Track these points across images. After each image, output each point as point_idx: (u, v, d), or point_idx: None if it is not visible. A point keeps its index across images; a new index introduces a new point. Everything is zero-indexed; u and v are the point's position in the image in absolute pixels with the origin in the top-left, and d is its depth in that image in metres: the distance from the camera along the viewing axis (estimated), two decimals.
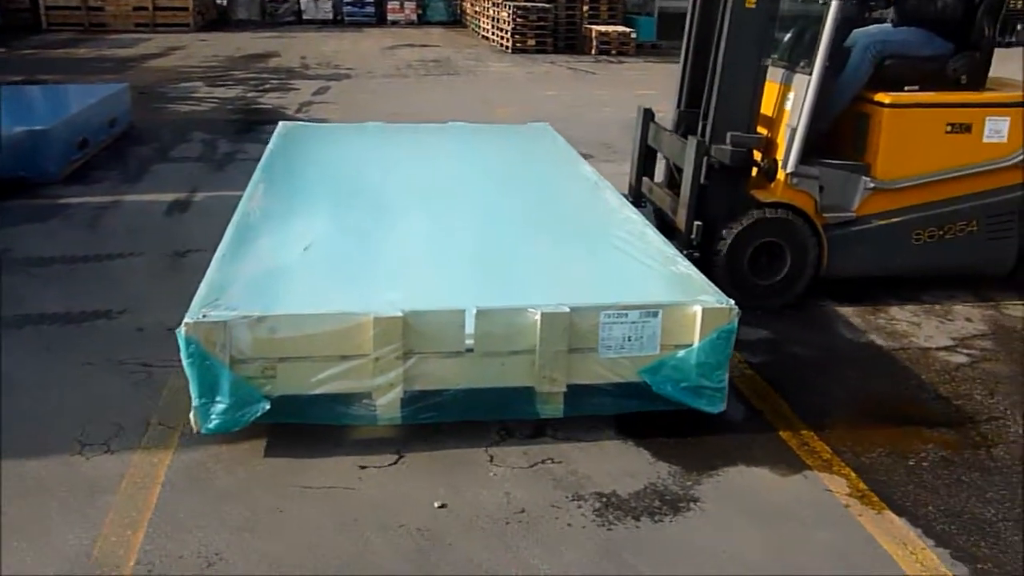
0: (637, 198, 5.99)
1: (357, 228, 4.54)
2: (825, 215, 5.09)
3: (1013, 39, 17.57)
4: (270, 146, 6.27)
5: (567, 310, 3.53)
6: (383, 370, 3.47)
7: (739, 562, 2.99)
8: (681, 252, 4.49)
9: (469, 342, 3.52)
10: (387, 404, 3.54)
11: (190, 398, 3.46)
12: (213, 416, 3.44)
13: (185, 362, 3.39)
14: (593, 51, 18.05)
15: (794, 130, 4.96)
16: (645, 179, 6.02)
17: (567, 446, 3.63)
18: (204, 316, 3.40)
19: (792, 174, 4.99)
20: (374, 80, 14.10)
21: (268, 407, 3.46)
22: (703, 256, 4.95)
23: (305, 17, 23.71)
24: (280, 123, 7.09)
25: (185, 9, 21.06)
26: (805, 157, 5.00)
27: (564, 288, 3.76)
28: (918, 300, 5.28)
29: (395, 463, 3.50)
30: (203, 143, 9.21)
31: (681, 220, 5.11)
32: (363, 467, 3.46)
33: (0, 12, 20.41)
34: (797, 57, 5.19)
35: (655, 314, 3.61)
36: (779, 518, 3.24)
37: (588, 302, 3.60)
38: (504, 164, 6.06)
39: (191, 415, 3.46)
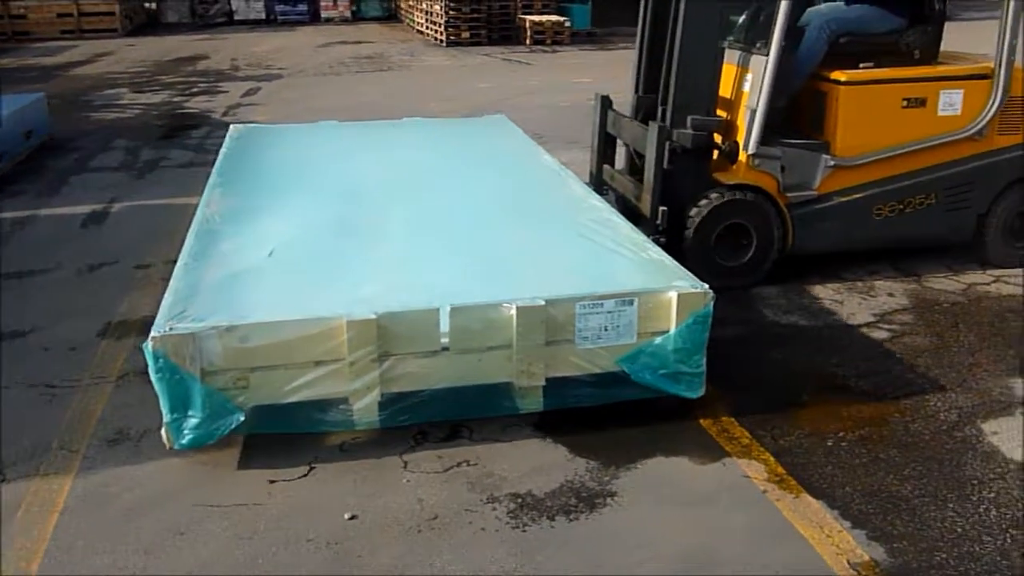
0: (599, 186, 5.95)
1: (323, 227, 4.40)
2: (788, 194, 5.10)
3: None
4: (224, 150, 6.07)
5: (543, 303, 3.47)
6: (359, 374, 3.39)
7: (653, 555, 2.94)
8: (648, 238, 4.47)
9: (445, 340, 3.45)
10: (364, 408, 3.47)
11: (160, 413, 3.35)
12: (186, 431, 3.33)
13: (154, 377, 3.27)
14: (528, 41, 17.98)
15: (753, 111, 4.97)
16: (606, 167, 5.99)
17: (483, 447, 3.56)
18: (171, 329, 3.27)
19: (753, 155, 5.01)
20: (306, 79, 13.89)
21: (242, 418, 3.36)
22: (670, 241, 4.94)
23: (237, 18, 23.31)
24: (232, 126, 6.87)
25: (112, 14, 20.59)
26: (765, 138, 5.01)
27: (538, 280, 3.69)
28: (840, 278, 5.29)
29: (306, 475, 3.40)
30: (125, 151, 8.98)
31: (646, 206, 5.09)
32: (273, 481, 3.35)
33: None
34: (753, 38, 5.18)
35: (631, 302, 3.57)
36: (696, 507, 3.20)
37: (563, 293, 3.54)
38: (466, 157, 5.95)
39: (162, 431, 3.34)
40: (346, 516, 3.14)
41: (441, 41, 18.06)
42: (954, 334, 4.57)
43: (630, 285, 3.66)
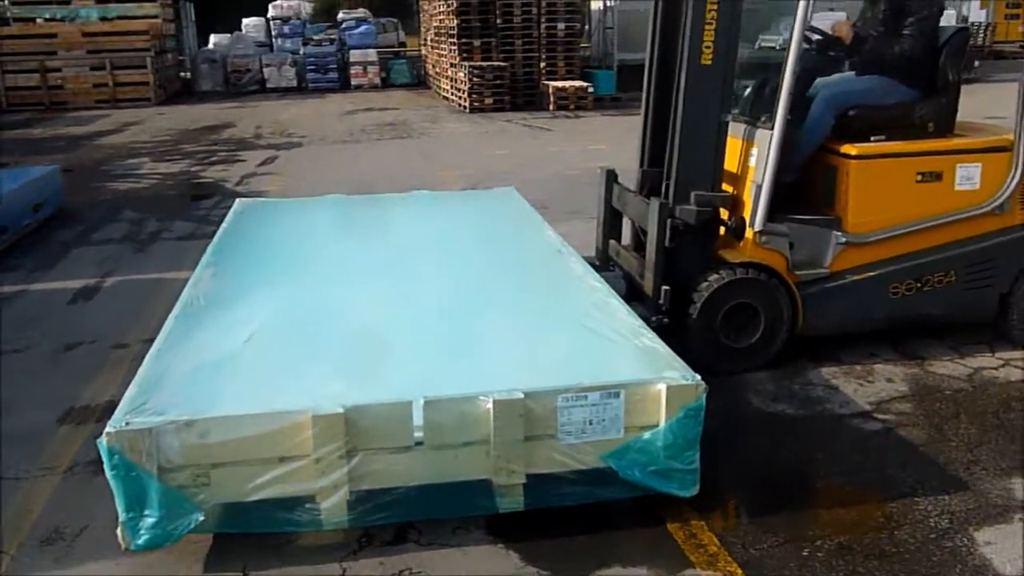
0: (604, 262, 5.76)
1: (306, 311, 4.24)
2: (797, 272, 4.88)
3: (972, 75, 17.61)
4: (224, 225, 5.98)
5: (521, 396, 3.26)
6: (325, 471, 3.19)
7: None
8: (650, 319, 4.24)
9: (418, 435, 3.25)
10: (332, 507, 3.25)
11: (116, 511, 3.17)
12: (142, 531, 3.14)
13: (108, 474, 3.11)
14: (551, 107, 18.01)
15: (759, 187, 4.78)
16: (612, 242, 5.78)
17: (429, 553, 3.33)
18: (127, 424, 3.11)
19: (760, 232, 4.80)
20: (324, 147, 13.97)
21: (202, 518, 3.17)
22: (674, 321, 4.76)
23: (269, 85, 23.75)
24: (237, 201, 6.81)
25: (146, 83, 21.02)
26: (773, 213, 4.81)
27: (521, 369, 3.50)
28: (837, 360, 5.02)
29: None
30: (130, 223, 8.99)
31: (648, 285, 4.89)
32: None
33: None
34: (758, 111, 5.01)
35: (616, 395, 3.35)
36: None
37: (544, 385, 3.33)
38: (465, 234, 5.80)
39: (118, 531, 3.16)
40: None
41: (464, 107, 18.16)
42: (954, 426, 4.26)
43: (617, 376, 3.44)
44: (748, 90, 5.18)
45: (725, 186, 4.96)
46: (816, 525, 3.48)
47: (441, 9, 20.71)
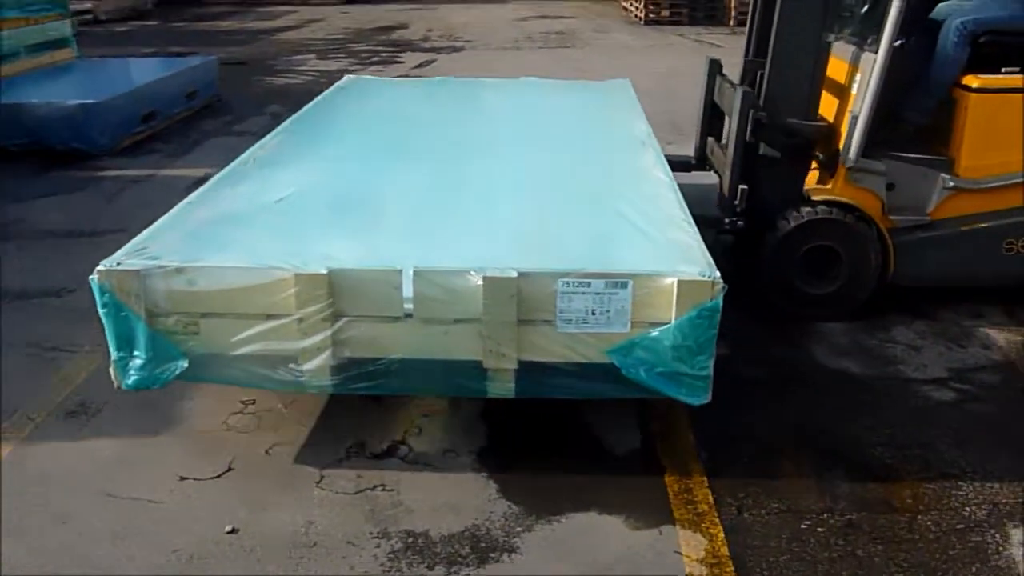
0: (701, 161, 5.39)
1: (353, 180, 4.12)
2: (893, 217, 4.39)
3: None
4: (318, 97, 5.98)
5: (514, 274, 3.03)
6: (307, 332, 3.10)
7: None
8: (723, 221, 3.92)
9: (408, 306, 3.11)
10: (315, 370, 3.16)
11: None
12: (131, 371, 3.19)
13: (100, 312, 3.15)
14: (732, 22, 16.98)
15: (855, 117, 4.28)
16: (710, 139, 5.35)
17: (411, 473, 3.27)
18: (118, 264, 3.14)
19: (852, 168, 4.33)
20: (483, 52, 13.83)
21: (186, 365, 3.18)
22: (745, 260, 4.46)
23: None
24: (345, 76, 6.87)
25: None
26: (871, 149, 4.31)
27: (529, 250, 3.25)
28: (932, 317, 4.49)
29: (220, 475, 3.26)
30: (272, 116, 9.23)
31: (725, 182, 4.49)
32: (183, 478, 3.24)
33: None
34: (867, 31, 4.45)
35: (624, 285, 3.05)
36: None
37: (544, 266, 3.09)
38: (552, 119, 5.50)
39: (111, 369, 3.22)
40: (226, 529, 2.97)
41: (640, 19, 17.45)
42: None
43: (627, 265, 3.12)
44: (863, 5, 4.58)
45: (827, 114, 4.47)
46: (830, 497, 3.15)
47: None
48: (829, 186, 4.44)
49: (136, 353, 3.16)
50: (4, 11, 8.95)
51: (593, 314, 3.06)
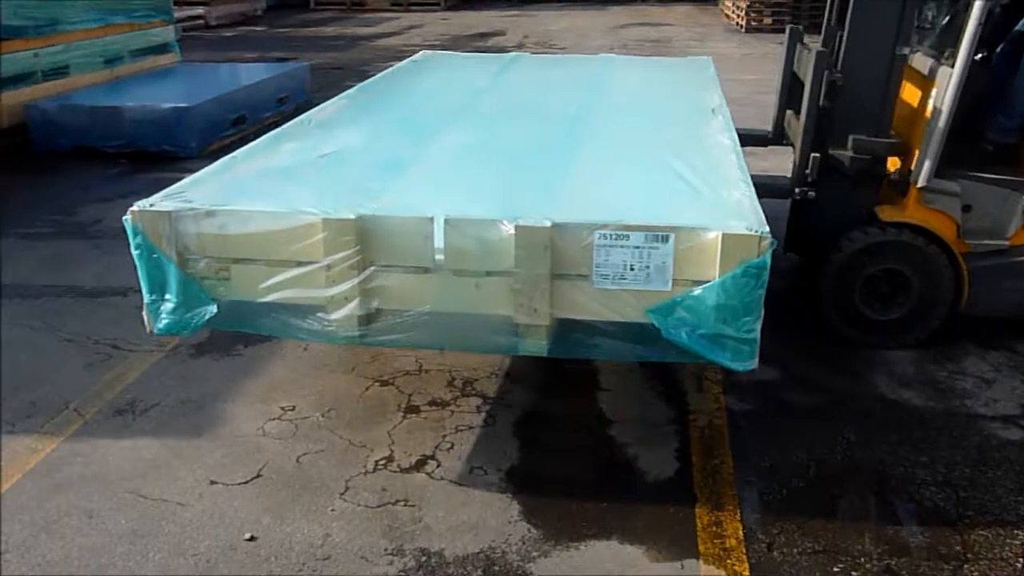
0: (778, 135, 5.16)
1: (405, 140, 4.02)
2: (968, 241, 4.15)
3: None
4: (390, 69, 5.98)
5: (548, 224, 2.88)
6: (335, 280, 3.02)
7: None
8: (793, 191, 3.80)
9: (439, 257, 3.00)
10: (342, 320, 3.08)
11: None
12: (163, 315, 3.18)
13: (134, 254, 3.16)
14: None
15: (930, 135, 4.05)
16: (789, 112, 5.10)
17: (435, 489, 3.23)
18: (151, 205, 3.14)
19: (924, 189, 4.11)
20: None
21: (216, 311, 3.15)
22: (806, 280, 4.31)
23: None
24: (421, 52, 6.88)
25: None
26: (947, 169, 4.09)
27: (571, 203, 3.11)
28: (1009, 348, 4.21)
29: (248, 481, 3.29)
30: None
31: (797, 150, 4.30)
32: (213, 482, 3.28)
33: None
34: (944, 44, 4.22)
35: (665, 238, 2.86)
36: None
37: (580, 217, 2.93)
38: (622, 90, 5.31)
39: (143, 313, 3.23)
40: (246, 536, 2.99)
41: (741, 26, 17.08)
42: None
43: (669, 219, 2.93)
44: (940, 16, 4.33)
45: (903, 130, 4.24)
46: (870, 539, 2.97)
47: None
48: (900, 207, 4.21)
49: (168, 297, 3.14)
50: (110, 17, 9.38)
51: (632, 269, 2.88)
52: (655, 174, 3.42)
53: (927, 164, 4.04)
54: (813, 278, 4.30)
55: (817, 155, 4.17)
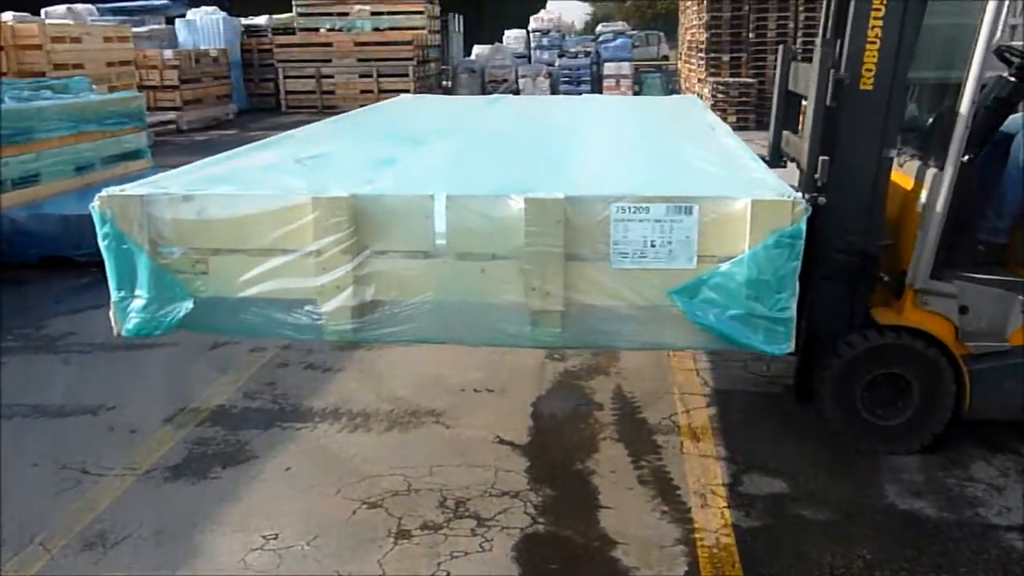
0: (776, 157, 4.98)
1: (395, 146, 3.83)
2: (968, 344, 4.06)
3: None
4: (372, 106, 5.96)
5: (561, 196, 2.65)
6: (326, 267, 2.79)
7: None
8: (803, 196, 3.66)
9: (441, 241, 2.79)
10: (333, 312, 2.85)
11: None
12: (132, 314, 2.93)
13: (101, 245, 2.94)
14: (801, 127, 16.83)
15: (923, 237, 4.01)
16: (786, 133, 4.94)
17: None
18: (122, 189, 2.92)
19: (921, 291, 4.04)
20: None
21: (191, 307, 2.90)
22: (805, 382, 4.20)
23: (523, 95, 24.19)
24: (401, 95, 6.91)
25: (407, 90, 22.10)
26: (942, 270, 4.02)
27: (581, 179, 2.92)
28: (1015, 452, 4.10)
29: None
30: None
31: (803, 155, 4.12)
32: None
33: (249, 96, 22.67)
34: (931, 147, 4.19)
35: (688, 210, 2.65)
36: None
37: (595, 191, 2.71)
38: (613, 118, 5.24)
39: (110, 313, 2.98)
40: None
41: None
42: None
43: (691, 189, 2.73)
44: (926, 118, 4.35)
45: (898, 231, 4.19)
46: None
47: (694, 22, 20.10)
48: (896, 309, 4.15)
49: (138, 292, 2.92)
50: (83, 125, 9.32)
51: (652, 246, 2.69)
52: (669, 159, 3.29)
53: (922, 266, 4.00)
54: (808, 380, 4.20)
55: (826, 158, 4.01)
